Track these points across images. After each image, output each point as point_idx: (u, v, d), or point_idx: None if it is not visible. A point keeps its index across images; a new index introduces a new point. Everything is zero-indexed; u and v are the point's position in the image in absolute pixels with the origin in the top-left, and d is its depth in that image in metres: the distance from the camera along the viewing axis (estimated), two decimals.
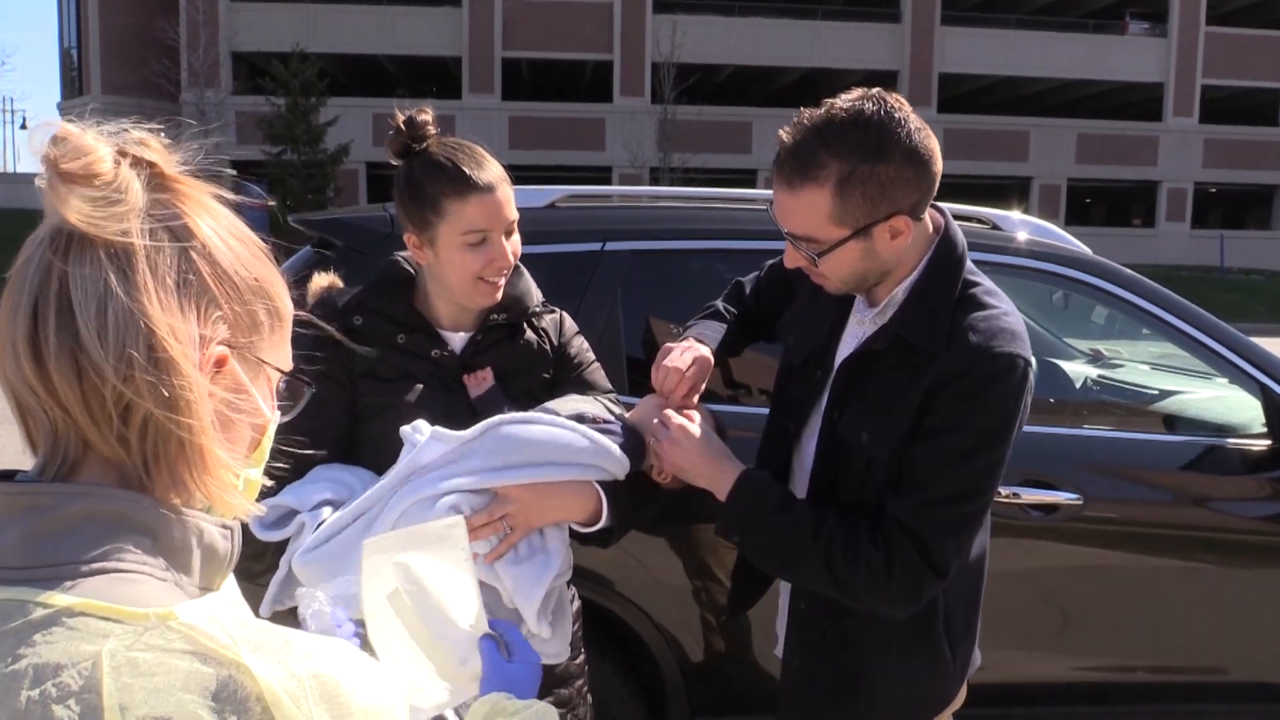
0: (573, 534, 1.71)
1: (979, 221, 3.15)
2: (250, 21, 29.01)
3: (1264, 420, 2.87)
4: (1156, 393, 3.64)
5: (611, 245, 2.79)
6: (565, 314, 1.98)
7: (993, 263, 2.97)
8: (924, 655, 1.65)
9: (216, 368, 0.75)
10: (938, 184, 1.55)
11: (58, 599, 0.64)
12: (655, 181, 27.50)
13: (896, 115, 1.49)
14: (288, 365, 0.83)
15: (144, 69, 28.42)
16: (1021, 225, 3.18)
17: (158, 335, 0.70)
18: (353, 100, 28.17)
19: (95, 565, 0.67)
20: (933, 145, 1.52)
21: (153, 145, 0.76)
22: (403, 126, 1.71)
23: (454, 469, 1.56)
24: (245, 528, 1.31)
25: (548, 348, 1.90)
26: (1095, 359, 4.28)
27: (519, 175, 1.80)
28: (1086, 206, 34.66)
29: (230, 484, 0.76)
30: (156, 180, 0.75)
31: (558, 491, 1.62)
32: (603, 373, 1.95)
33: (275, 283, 0.82)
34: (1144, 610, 2.83)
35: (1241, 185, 33.67)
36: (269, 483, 0.87)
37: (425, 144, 1.72)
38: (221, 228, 0.78)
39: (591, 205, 3.18)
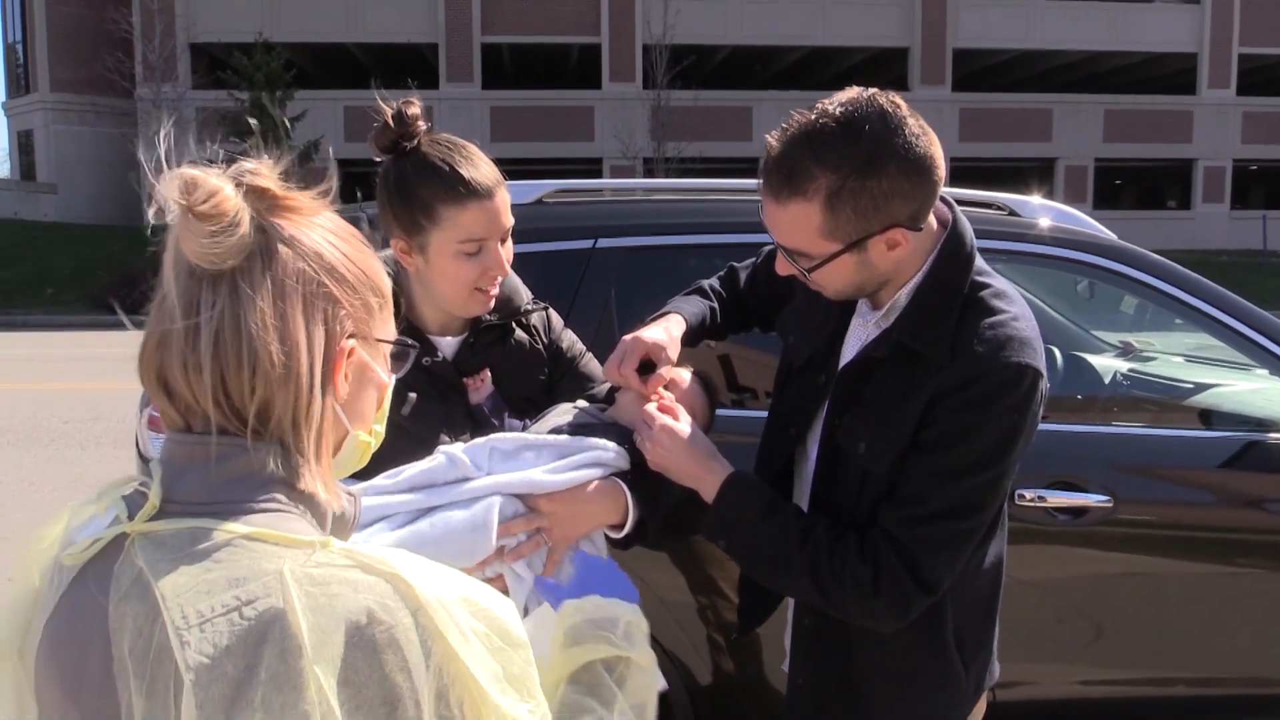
0: (610, 542, 1.73)
1: (995, 207, 3.19)
2: (209, 10, 29.03)
3: None
4: (1191, 386, 3.66)
5: (604, 242, 2.83)
6: (551, 309, 2.02)
7: (1011, 251, 3.01)
8: (933, 669, 1.67)
9: (347, 357, 0.95)
10: (940, 189, 1.55)
11: (236, 527, 0.86)
12: (649, 173, 27.54)
13: (892, 123, 1.47)
14: (394, 334, 1.03)
15: (95, 63, 28.42)
16: (1042, 210, 3.22)
17: (269, 350, 0.88)
18: (322, 93, 28.17)
19: (261, 505, 0.89)
20: (934, 152, 1.51)
21: (263, 172, 0.92)
22: (391, 121, 1.70)
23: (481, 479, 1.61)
24: None
25: (540, 346, 1.94)
26: (1125, 351, 4.31)
27: (502, 170, 1.81)
28: (1116, 188, 34.66)
29: (328, 479, 0.95)
30: (270, 203, 0.92)
31: (588, 496, 1.65)
32: (597, 363, 1.99)
33: (377, 268, 0.99)
34: (1182, 619, 2.86)
35: None
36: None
37: (416, 140, 1.71)
38: (330, 233, 0.95)
39: (581, 200, 3.21)
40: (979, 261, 1.63)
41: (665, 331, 1.83)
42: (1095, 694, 2.90)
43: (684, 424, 1.70)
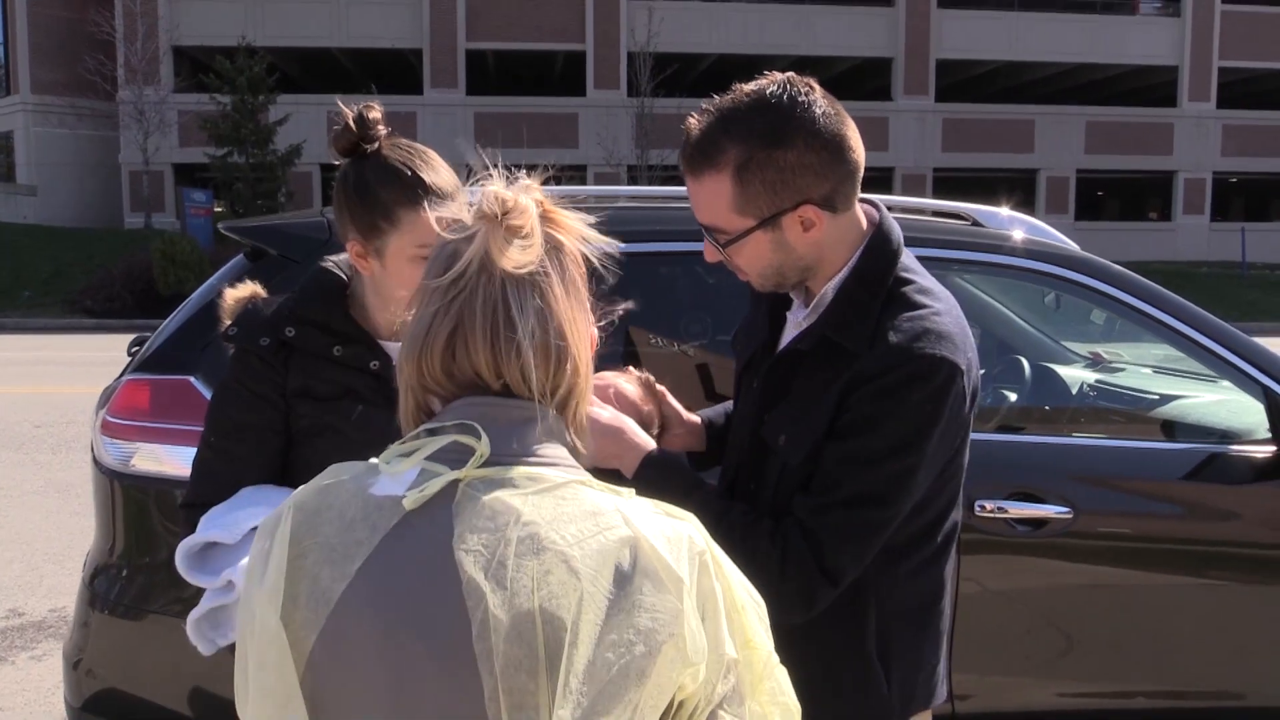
0: None
1: (957, 218, 3.20)
2: (192, 13, 28.91)
3: (1268, 425, 2.90)
4: (1156, 398, 3.68)
5: None
6: None
7: (977, 262, 3.02)
8: (850, 678, 1.64)
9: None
10: (858, 174, 1.57)
11: (565, 474, 1.02)
12: (633, 180, 27.56)
13: (801, 98, 1.52)
14: None
15: (77, 66, 28.27)
16: (1009, 222, 3.23)
17: (569, 340, 1.06)
18: (305, 97, 28.06)
19: (570, 461, 1.05)
20: (846, 132, 1.54)
21: (535, 188, 1.09)
22: (352, 124, 1.70)
23: None
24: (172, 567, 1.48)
25: None
26: (1094, 363, 4.32)
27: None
28: (1098, 200, 34.87)
29: (586, 436, 1.12)
30: (544, 216, 1.07)
31: None
32: None
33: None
34: (1143, 631, 2.86)
35: (1263, 174, 33.88)
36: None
37: (376, 144, 1.72)
38: (580, 237, 1.10)
39: None
40: (906, 259, 1.65)
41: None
42: (1053, 705, 2.90)
43: (596, 409, 1.69)
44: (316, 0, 29.56)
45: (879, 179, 28.41)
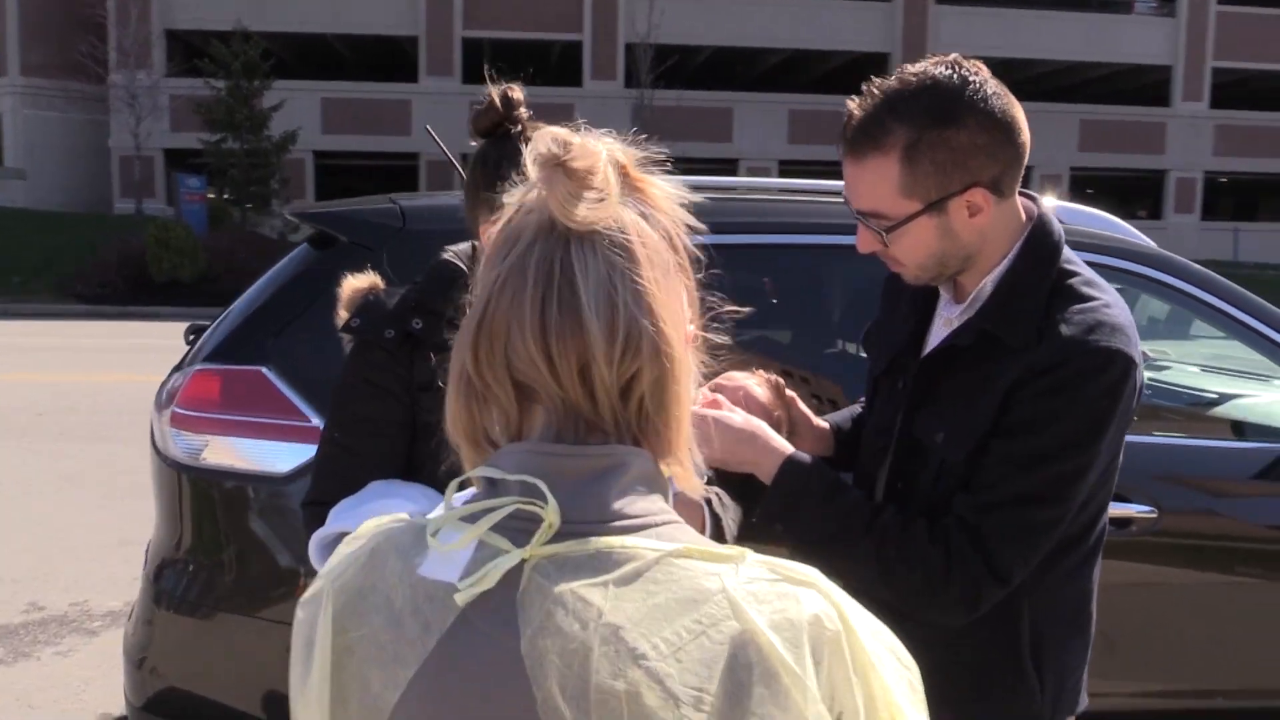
0: None
1: None
2: None
3: None
4: (1215, 396, 3.65)
5: None
6: None
7: None
8: (1002, 686, 1.60)
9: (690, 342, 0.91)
10: (1025, 158, 1.53)
11: (657, 545, 0.81)
12: None
13: (972, 78, 1.47)
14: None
15: (68, 49, 28.00)
16: (1065, 214, 3.18)
17: (657, 322, 0.84)
18: (300, 83, 27.89)
19: (664, 516, 0.84)
20: (1015, 113, 1.49)
21: (615, 143, 0.90)
22: (498, 103, 1.67)
23: None
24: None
25: None
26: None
27: None
28: (1089, 197, 34.84)
29: (690, 460, 0.89)
30: (625, 179, 0.88)
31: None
32: None
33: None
34: (1226, 631, 2.84)
35: (1255, 174, 34.09)
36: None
37: (519, 126, 1.67)
38: (674, 216, 0.92)
39: None
40: (1068, 251, 1.59)
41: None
42: (1135, 706, 2.87)
43: (728, 411, 1.64)
44: None
45: None
